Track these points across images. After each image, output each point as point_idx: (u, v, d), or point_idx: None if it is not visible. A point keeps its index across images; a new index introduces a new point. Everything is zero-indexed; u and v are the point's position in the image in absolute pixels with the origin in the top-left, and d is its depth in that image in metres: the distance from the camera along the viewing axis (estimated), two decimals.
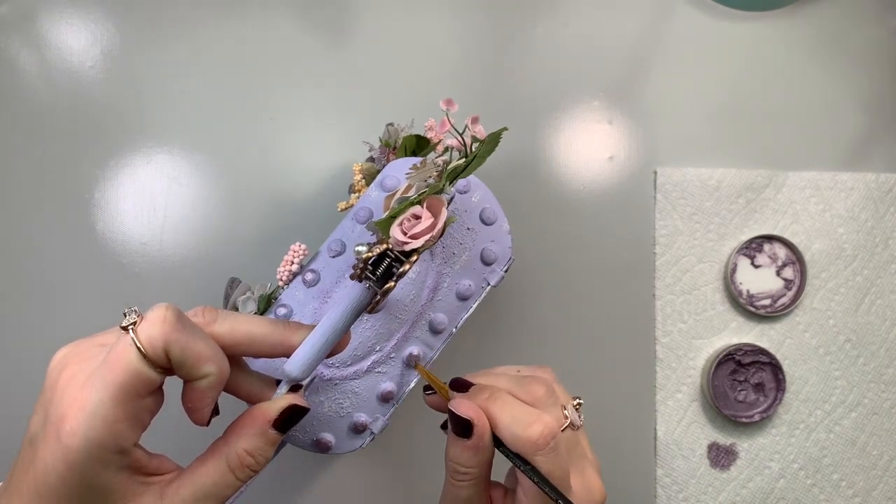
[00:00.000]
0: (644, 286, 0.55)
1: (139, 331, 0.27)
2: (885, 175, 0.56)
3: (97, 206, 0.54)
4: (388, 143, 0.45)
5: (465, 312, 0.43)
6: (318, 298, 0.41)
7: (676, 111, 0.57)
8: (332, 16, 0.57)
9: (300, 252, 0.42)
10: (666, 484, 0.54)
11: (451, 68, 0.57)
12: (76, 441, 0.26)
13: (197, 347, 0.28)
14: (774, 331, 0.55)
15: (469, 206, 0.42)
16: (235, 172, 0.55)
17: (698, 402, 0.55)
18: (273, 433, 0.30)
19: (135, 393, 0.27)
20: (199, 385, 0.28)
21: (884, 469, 0.55)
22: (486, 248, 0.42)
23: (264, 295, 0.41)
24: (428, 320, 0.42)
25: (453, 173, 0.34)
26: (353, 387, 0.41)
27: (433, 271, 0.42)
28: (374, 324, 0.41)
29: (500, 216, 0.43)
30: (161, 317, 0.27)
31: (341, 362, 0.40)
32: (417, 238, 0.32)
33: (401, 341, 0.41)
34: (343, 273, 0.41)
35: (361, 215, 0.42)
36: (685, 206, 0.56)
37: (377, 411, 0.41)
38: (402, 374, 0.41)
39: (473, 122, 0.36)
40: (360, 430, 0.41)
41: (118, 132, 0.55)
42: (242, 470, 0.30)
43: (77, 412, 0.26)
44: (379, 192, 0.42)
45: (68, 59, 0.55)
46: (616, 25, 0.57)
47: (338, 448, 0.41)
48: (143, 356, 0.26)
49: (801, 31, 0.58)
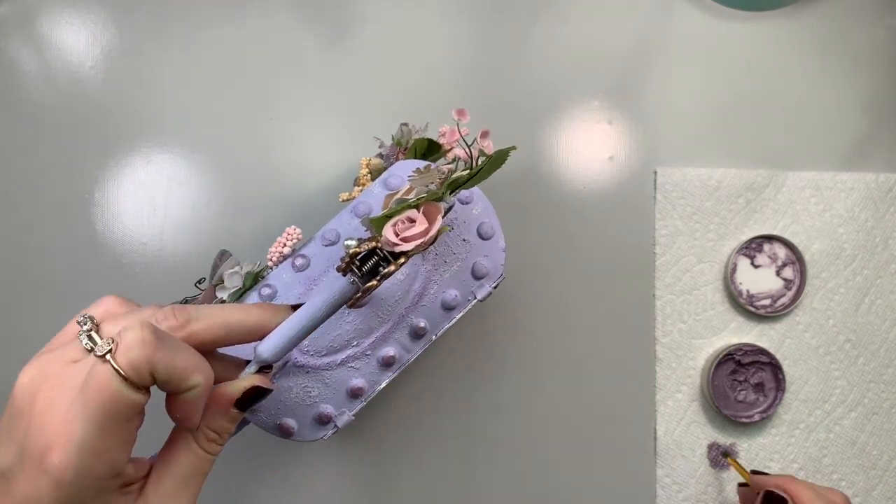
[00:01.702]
0: (644, 286, 0.55)
1: (118, 356, 0.26)
2: (885, 175, 0.56)
3: (97, 206, 0.54)
4: (400, 143, 0.45)
5: (447, 322, 0.42)
6: (305, 284, 0.40)
7: (676, 111, 0.57)
8: (332, 16, 0.57)
9: (294, 236, 0.41)
10: (666, 484, 0.54)
11: (450, 68, 0.57)
12: (68, 474, 0.25)
13: (181, 362, 0.27)
14: (774, 331, 0.55)
15: (468, 217, 0.42)
16: (235, 172, 0.55)
17: (698, 402, 0.55)
18: (235, 412, 0.31)
19: (123, 418, 0.26)
20: (187, 397, 0.28)
21: (884, 469, 0.55)
22: (478, 261, 0.42)
23: (252, 272, 0.41)
24: (409, 324, 0.41)
25: (455, 183, 0.34)
26: (323, 377, 0.40)
27: (422, 276, 0.41)
28: (354, 318, 0.40)
29: (498, 232, 0.42)
30: (140, 339, 0.26)
31: (316, 351, 0.40)
32: (408, 241, 0.32)
33: (379, 340, 0.41)
34: (333, 263, 0.41)
35: (360, 209, 0.42)
36: (685, 206, 0.56)
37: (344, 405, 0.41)
38: (375, 373, 0.41)
39: (483, 137, 0.36)
40: (324, 422, 0.40)
41: (118, 132, 0.55)
42: (210, 445, 0.30)
43: (65, 444, 0.25)
44: (381, 190, 0.42)
45: (68, 59, 0.55)
46: (616, 25, 0.57)
47: (299, 435, 0.40)
48: (126, 382, 0.26)
49: (801, 31, 0.58)
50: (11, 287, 0.53)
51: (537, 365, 0.54)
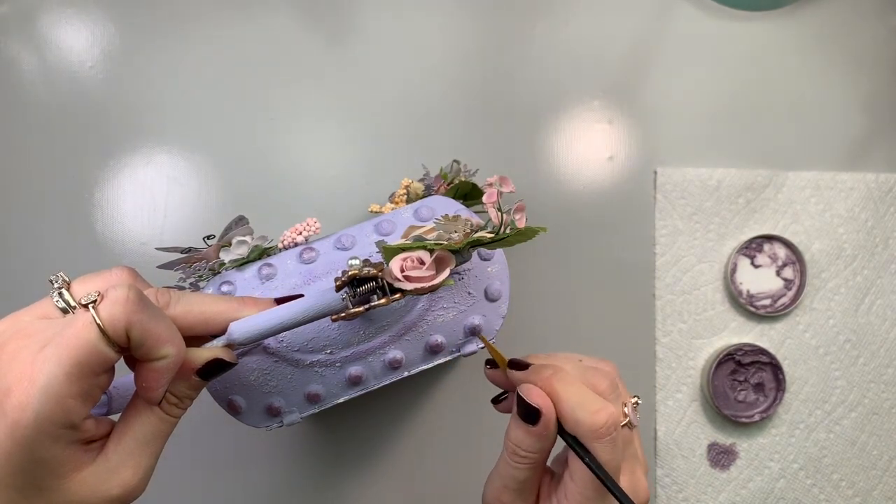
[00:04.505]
0: (644, 286, 0.55)
1: (100, 309, 0.27)
2: (885, 175, 0.56)
3: (97, 206, 0.54)
4: (446, 177, 0.45)
5: (424, 364, 0.41)
6: (305, 277, 0.40)
7: (676, 111, 0.57)
8: (332, 16, 0.57)
9: (312, 227, 0.41)
10: (666, 484, 0.54)
11: (451, 68, 0.57)
12: (26, 415, 0.26)
13: (157, 329, 0.28)
14: (774, 331, 0.55)
15: (482, 273, 0.41)
16: (235, 173, 0.55)
17: (698, 402, 0.55)
18: (196, 380, 0.32)
19: (90, 371, 0.27)
20: (156, 366, 0.29)
21: (884, 469, 0.55)
22: (475, 319, 0.41)
23: (260, 247, 0.41)
24: (388, 353, 0.40)
25: (476, 242, 0.34)
26: (287, 372, 0.39)
27: (416, 311, 0.40)
28: (339, 328, 0.39)
29: (505, 299, 0.41)
30: (123, 297, 0.27)
31: (290, 344, 0.39)
32: (410, 281, 0.32)
33: (353, 357, 0.40)
34: (337, 267, 0.40)
35: (384, 227, 0.41)
36: (685, 206, 0.56)
37: (297, 405, 0.40)
38: (338, 386, 0.40)
39: (518, 210, 0.36)
40: (272, 413, 0.40)
41: (118, 132, 0.55)
42: (171, 409, 0.31)
43: (27, 387, 0.26)
44: (410, 216, 0.42)
45: (68, 59, 0.55)
46: (616, 25, 0.57)
47: (245, 417, 0.40)
48: (102, 335, 0.26)
49: (801, 31, 0.58)
50: (11, 287, 0.53)
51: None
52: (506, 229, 0.34)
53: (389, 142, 0.56)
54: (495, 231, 0.34)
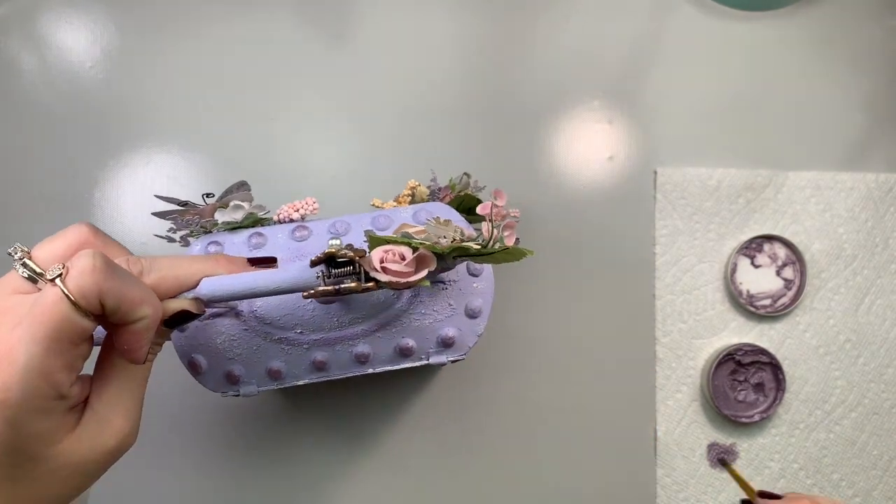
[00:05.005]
0: (644, 286, 0.55)
1: (68, 281, 0.26)
2: (885, 175, 0.56)
3: (97, 206, 0.54)
4: (454, 187, 0.46)
5: (390, 365, 0.41)
6: (292, 252, 0.40)
7: (676, 111, 0.57)
8: (333, 16, 0.57)
9: (310, 207, 0.42)
10: (666, 484, 0.54)
11: (451, 68, 0.57)
12: (12, 395, 0.26)
13: (131, 293, 0.28)
14: (774, 331, 0.55)
15: (467, 287, 0.41)
16: (235, 172, 0.55)
17: (698, 402, 0.55)
18: (163, 328, 0.32)
19: (69, 342, 0.27)
20: (134, 328, 0.29)
21: (884, 469, 0.55)
22: (449, 331, 0.40)
23: (255, 215, 0.41)
24: (356, 346, 0.40)
25: (461, 250, 0.33)
26: (253, 343, 0.39)
27: (392, 312, 0.40)
28: (315, 309, 0.39)
29: (485, 318, 0.41)
30: (90, 265, 0.27)
31: (263, 315, 0.39)
32: (387, 273, 0.32)
33: (321, 343, 0.39)
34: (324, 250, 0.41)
35: (380, 222, 0.41)
36: (685, 206, 0.56)
37: (256, 378, 0.40)
38: (300, 367, 0.40)
39: (507, 227, 0.36)
40: (231, 381, 0.40)
41: (118, 132, 0.55)
42: None
43: (9, 365, 0.26)
44: (409, 216, 0.42)
45: (68, 59, 0.55)
46: (616, 25, 0.57)
47: (203, 379, 0.40)
48: (74, 306, 0.26)
49: (801, 31, 0.58)
50: None
51: (537, 365, 0.54)
52: (495, 244, 0.34)
53: (389, 142, 0.56)
54: (484, 244, 0.34)
